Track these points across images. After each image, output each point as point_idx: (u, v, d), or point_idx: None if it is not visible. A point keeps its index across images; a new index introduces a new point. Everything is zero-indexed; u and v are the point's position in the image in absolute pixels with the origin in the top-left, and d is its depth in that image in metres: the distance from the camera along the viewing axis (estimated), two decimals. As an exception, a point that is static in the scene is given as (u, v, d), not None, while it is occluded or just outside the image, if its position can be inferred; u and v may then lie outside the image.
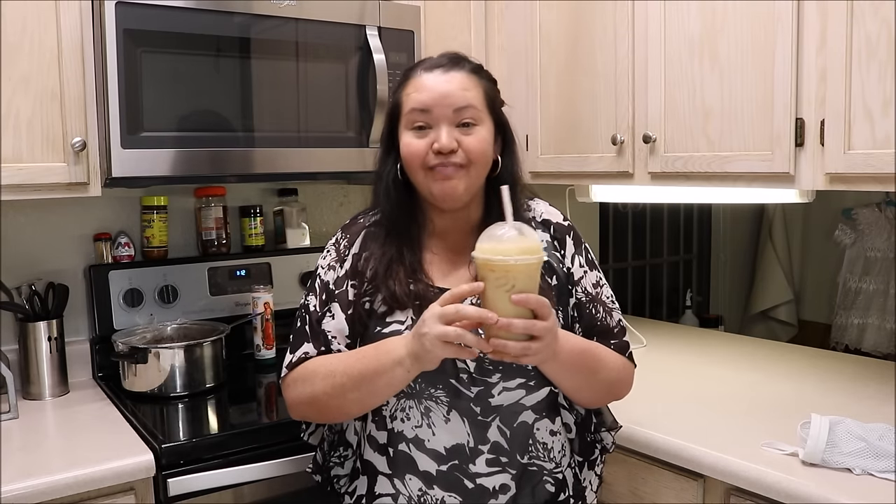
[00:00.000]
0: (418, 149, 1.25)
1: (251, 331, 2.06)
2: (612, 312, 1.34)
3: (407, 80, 1.29)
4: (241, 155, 1.75)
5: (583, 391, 1.29)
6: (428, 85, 1.25)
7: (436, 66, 1.27)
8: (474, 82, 1.27)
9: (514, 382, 1.26)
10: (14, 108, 1.54)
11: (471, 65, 1.29)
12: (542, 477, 1.27)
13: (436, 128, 1.24)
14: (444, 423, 1.24)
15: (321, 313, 1.30)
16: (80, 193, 1.64)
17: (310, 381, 1.25)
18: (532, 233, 1.11)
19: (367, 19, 1.88)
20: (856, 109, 1.46)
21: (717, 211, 3.81)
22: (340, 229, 1.39)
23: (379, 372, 1.17)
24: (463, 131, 1.24)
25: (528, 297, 1.06)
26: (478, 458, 1.24)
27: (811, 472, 1.29)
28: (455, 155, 1.23)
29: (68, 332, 1.87)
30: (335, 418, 1.30)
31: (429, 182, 1.26)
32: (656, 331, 2.40)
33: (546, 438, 1.28)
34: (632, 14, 1.87)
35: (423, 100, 1.24)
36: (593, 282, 1.34)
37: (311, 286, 1.34)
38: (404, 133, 1.27)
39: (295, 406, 1.30)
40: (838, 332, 3.40)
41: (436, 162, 1.24)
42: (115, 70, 1.58)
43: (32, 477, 1.33)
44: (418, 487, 1.24)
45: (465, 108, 1.24)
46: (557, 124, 2.12)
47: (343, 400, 1.22)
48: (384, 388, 1.19)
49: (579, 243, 1.37)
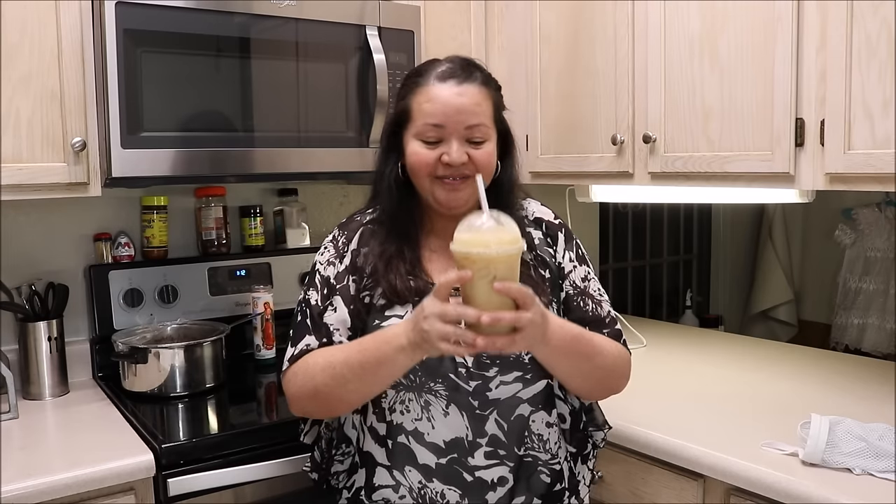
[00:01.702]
0: (428, 160, 1.26)
1: (251, 331, 2.06)
2: (602, 304, 1.36)
3: (418, 88, 1.28)
4: (241, 155, 1.75)
5: (578, 378, 1.29)
6: (441, 99, 1.25)
7: (449, 76, 1.26)
8: (485, 95, 1.28)
9: (511, 376, 1.27)
10: (14, 108, 1.54)
11: (482, 75, 1.30)
12: (538, 468, 1.29)
13: (447, 141, 1.25)
14: (444, 417, 1.25)
15: (323, 307, 1.31)
16: (80, 193, 1.64)
17: (310, 374, 1.25)
18: (510, 222, 1.10)
19: (367, 19, 1.88)
20: (856, 109, 1.46)
21: (717, 211, 3.81)
22: (337, 227, 1.40)
23: (381, 361, 1.17)
24: (473, 146, 1.26)
25: (509, 287, 1.06)
26: (476, 452, 1.25)
27: (811, 472, 1.29)
28: (465, 167, 1.26)
29: (68, 332, 1.87)
30: (335, 410, 1.30)
31: (434, 188, 1.28)
32: (656, 331, 2.40)
33: (542, 430, 1.30)
34: (632, 14, 1.87)
35: (437, 115, 1.25)
36: (582, 276, 1.36)
37: (311, 282, 1.34)
38: (413, 141, 1.28)
39: (296, 400, 1.29)
40: (838, 332, 3.40)
41: (444, 173, 1.26)
42: (115, 70, 1.58)
43: (32, 477, 1.33)
44: (418, 480, 1.26)
45: (477, 125, 1.26)
46: (557, 124, 2.12)
47: (344, 390, 1.22)
48: (386, 376, 1.19)
49: (570, 239, 1.40)
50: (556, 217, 1.43)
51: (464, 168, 1.26)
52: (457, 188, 1.27)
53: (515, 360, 1.27)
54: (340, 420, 1.35)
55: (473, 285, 1.08)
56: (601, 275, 3.30)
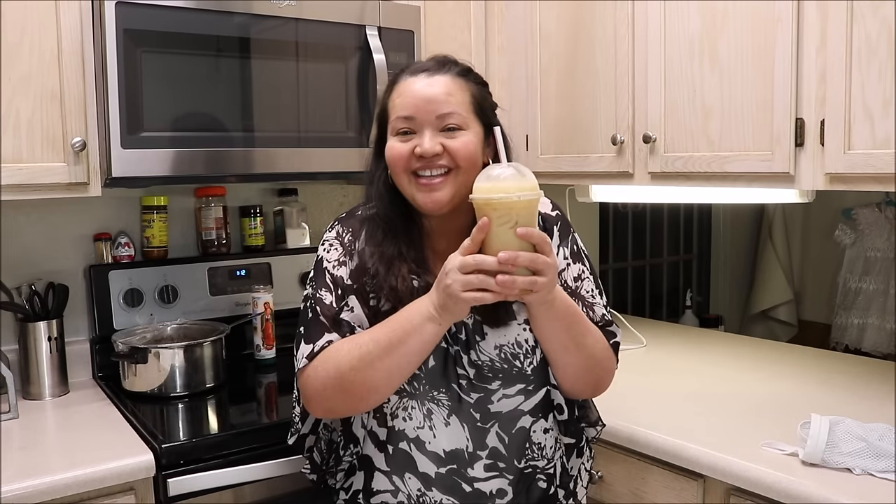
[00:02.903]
0: (401, 152, 1.23)
1: (251, 331, 2.05)
2: (594, 307, 1.32)
3: (393, 85, 1.28)
4: (241, 155, 1.75)
5: (569, 355, 1.25)
6: (411, 91, 1.23)
7: (421, 70, 1.26)
8: (459, 86, 1.24)
9: (514, 389, 1.26)
10: (14, 108, 1.54)
11: (458, 68, 1.27)
12: (536, 476, 1.29)
13: (419, 133, 1.22)
14: (445, 427, 1.24)
15: (339, 308, 1.26)
16: (80, 193, 1.64)
17: (335, 361, 1.19)
18: (528, 171, 1.13)
19: (367, 19, 1.88)
20: (856, 109, 1.46)
21: (717, 211, 3.81)
22: (339, 222, 1.36)
23: (409, 332, 1.15)
24: (448, 135, 1.22)
25: (531, 231, 1.08)
26: (476, 463, 1.25)
27: (811, 472, 1.29)
28: (440, 158, 1.22)
29: (68, 332, 1.87)
30: (362, 398, 1.21)
31: (412, 190, 1.24)
32: (656, 331, 2.40)
33: (540, 438, 1.29)
34: (632, 14, 1.87)
35: (408, 107, 1.23)
36: (574, 275, 1.33)
37: (322, 281, 1.29)
38: (390, 138, 1.26)
39: (320, 394, 1.22)
40: (838, 332, 3.40)
41: (419, 165, 1.22)
42: (115, 70, 1.58)
43: (32, 477, 1.33)
44: (417, 488, 1.25)
45: (448, 114, 1.22)
46: (557, 124, 2.12)
47: (372, 371, 1.17)
48: (416, 347, 1.16)
49: (566, 235, 1.36)
50: (555, 209, 1.39)
51: (437, 160, 1.21)
52: (434, 188, 1.22)
53: (519, 373, 1.26)
54: (350, 419, 1.31)
55: (495, 232, 1.10)
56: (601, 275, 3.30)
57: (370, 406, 1.25)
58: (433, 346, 1.18)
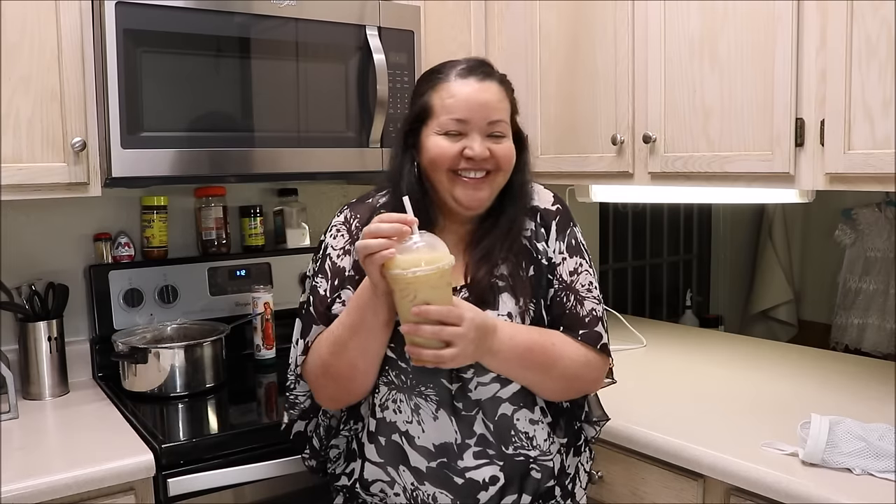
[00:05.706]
0: (450, 153, 1.27)
1: (251, 331, 2.06)
2: (585, 301, 1.32)
3: (439, 84, 1.29)
4: (241, 155, 1.75)
5: (537, 386, 1.29)
6: (465, 94, 1.27)
7: (469, 73, 1.29)
8: (504, 94, 1.31)
9: (488, 377, 1.27)
10: (14, 108, 1.54)
11: (499, 75, 1.33)
12: (529, 465, 1.29)
13: (469, 136, 1.27)
14: (433, 421, 1.26)
15: (331, 300, 1.30)
16: (80, 193, 1.64)
17: (317, 351, 1.27)
18: (438, 242, 1.13)
19: (367, 19, 1.88)
20: (856, 109, 1.46)
21: (717, 211, 3.81)
22: (349, 207, 1.38)
23: (360, 306, 1.20)
24: (493, 140, 1.28)
25: (427, 310, 1.10)
26: (465, 453, 1.26)
27: (811, 472, 1.29)
28: (486, 162, 1.27)
29: (68, 332, 1.87)
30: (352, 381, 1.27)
31: (453, 187, 1.28)
32: (656, 331, 2.40)
33: (527, 428, 1.29)
34: (632, 14, 1.87)
35: (461, 109, 1.27)
36: (570, 269, 1.34)
37: (321, 268, 1.33)
38: (434, 136, 1.28)
39: (316, 384, 1.29)
40: (838, 332, 3.40)
41: (465, 166, 1.27)
42: (115, 70, 1.58)
43: (32, 477, 1.33)
44: (410, 482, 1.27)
45: (498, 121, 1.29)
46: (557, 124, 2.12)
47: (346, 351, 1.23)
48: (372, 319, 1.20)
49: (564, 229, 1.37)
50: (556, 202, 1.40)
51: (484, 163, 1.27)
52: (478, 187, 1.28)
53: None
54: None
55: (400, 305, 1.12)
56: (601, 275, 3.30)
57: (363, 385, 1.28)
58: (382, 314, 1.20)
